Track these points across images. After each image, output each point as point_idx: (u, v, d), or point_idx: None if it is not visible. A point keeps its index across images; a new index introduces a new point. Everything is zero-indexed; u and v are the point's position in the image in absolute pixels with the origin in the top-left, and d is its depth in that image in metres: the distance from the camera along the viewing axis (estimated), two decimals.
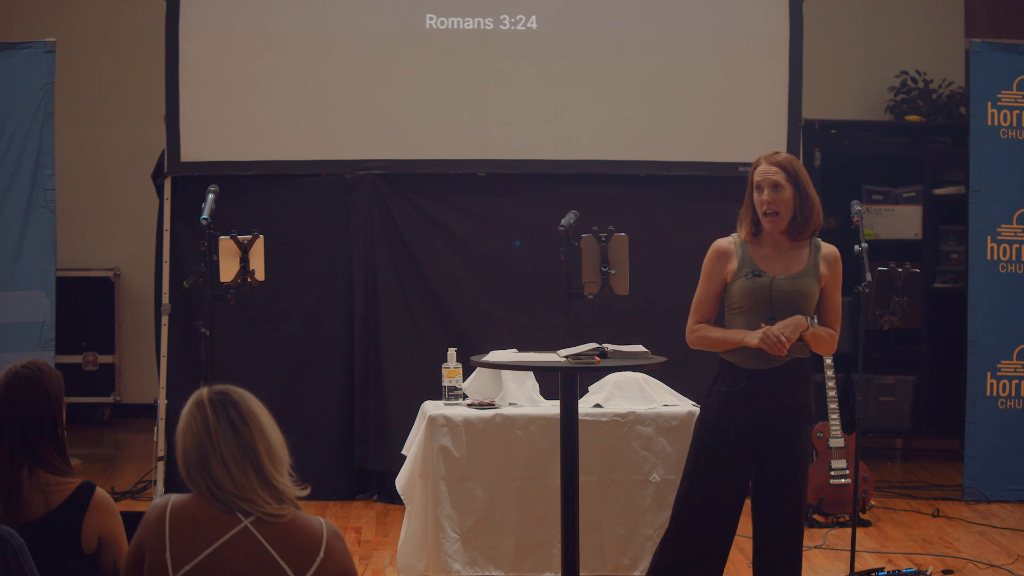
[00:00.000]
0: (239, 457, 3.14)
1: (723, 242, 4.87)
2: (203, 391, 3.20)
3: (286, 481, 3.18)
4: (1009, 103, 7.70)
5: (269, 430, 3.20)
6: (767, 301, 4.75)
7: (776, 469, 4.79)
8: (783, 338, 4.66)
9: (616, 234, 5.94)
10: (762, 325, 4.73)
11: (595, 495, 5.75)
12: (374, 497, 7.52)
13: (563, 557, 5.18)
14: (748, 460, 4.81)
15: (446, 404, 5.91)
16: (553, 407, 5.63)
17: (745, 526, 6.98)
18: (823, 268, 4.82)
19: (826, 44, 8.95)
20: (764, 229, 4.80)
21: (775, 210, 4.75)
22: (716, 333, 4.84)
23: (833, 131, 8.80)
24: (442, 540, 5.73)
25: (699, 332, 4.87)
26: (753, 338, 4.70)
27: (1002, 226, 7.71)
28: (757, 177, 4.80)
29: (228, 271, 5.70)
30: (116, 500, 4.92)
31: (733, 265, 4.81)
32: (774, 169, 4.77)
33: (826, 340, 4.83)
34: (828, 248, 4.87)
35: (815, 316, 4.81)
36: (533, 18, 7.56)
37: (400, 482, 5.83)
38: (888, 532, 7.00)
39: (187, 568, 3.09)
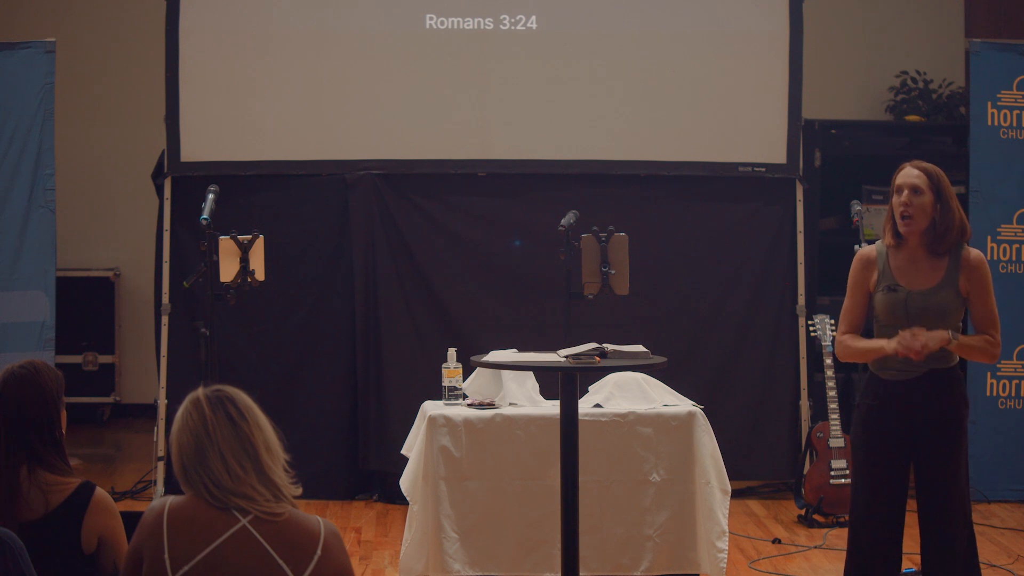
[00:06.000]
0: (237, 452, 3.14)
1: (867, 250, 4.80)
2: (198, 391, 3.21)
3: (283, 477, 3.19)
4: (1009, 103, 7.69)
5: (265, 425, 3.20)
6: (903, 316, 4.69)
7: (932, 474, 4.73)
8: (919, 341, 4.58)
9: (616, 234, 5.94)
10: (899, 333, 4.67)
11: (595, 495, 5.74)
12: (374, 497, 7.52)
13: (563, 557, 5.17)
14: (902, 467, 4.75)
15: (446, 404, 5.90)
16: (553, 407, 5.62)
17: (751, 527, 6.99)
18: (963, 279, 4.73)
19: (826, 44, 8.94)
20: (904, 237, 4.72)
21: (910, 213, 4.68)
22: (859, 343, 4.78)
23: (833, 131, 8.78)
24: (442, 540, 5.72)
25: (845, 343, 4.80)
26: (891, 344, 4.65)
27: (1002, 226, 7.70)
28: (898, 180, 4.73)
29: (228, 271, 5.71)
30: (116, 500, 4.91)
31: (875, 275, 4.75)
32: (916, 172, 4.71)
33: (979, 348, 4.76)
34: (970, 255, 4.76)
35: (958, 328, 4.73)
36: (533, 18, 7.56)
37: (405, 483, 5.82)
38: None
39: (186, 568, 3.09)
